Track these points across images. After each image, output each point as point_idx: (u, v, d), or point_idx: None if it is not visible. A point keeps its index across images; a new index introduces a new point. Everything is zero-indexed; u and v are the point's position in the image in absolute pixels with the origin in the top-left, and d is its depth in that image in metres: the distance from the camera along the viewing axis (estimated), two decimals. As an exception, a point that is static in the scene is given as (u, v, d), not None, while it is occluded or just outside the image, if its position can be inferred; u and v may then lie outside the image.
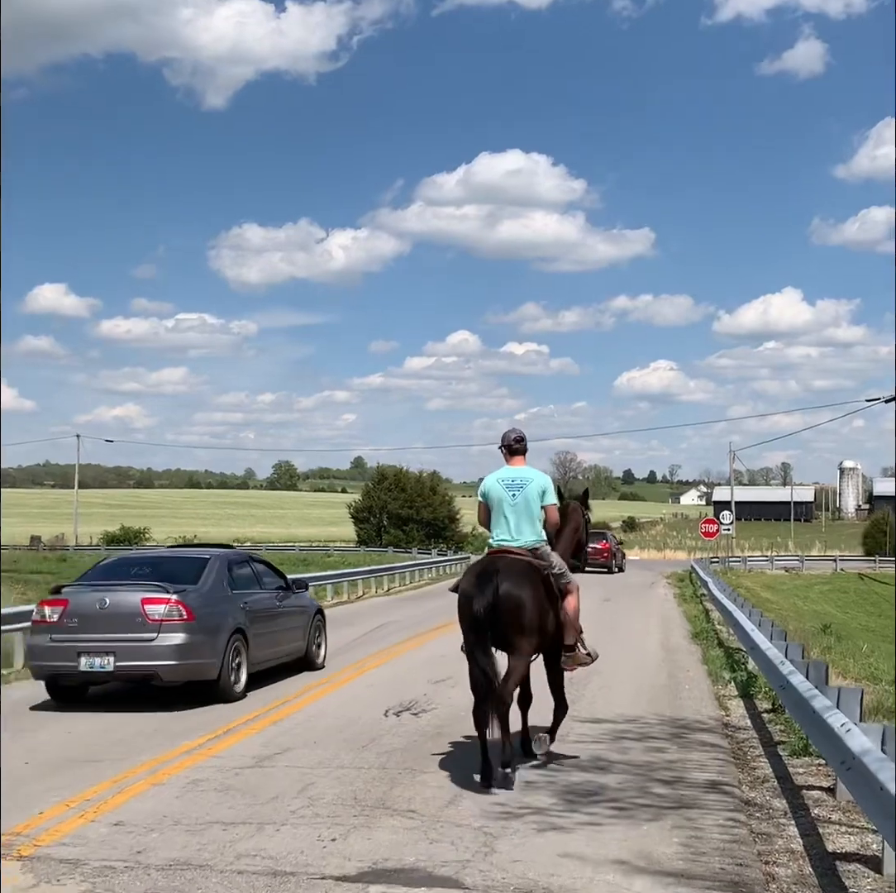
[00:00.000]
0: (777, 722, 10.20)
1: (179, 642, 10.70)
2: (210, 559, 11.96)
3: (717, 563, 48.48)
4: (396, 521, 68.88)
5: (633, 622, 20.50)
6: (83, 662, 10.65)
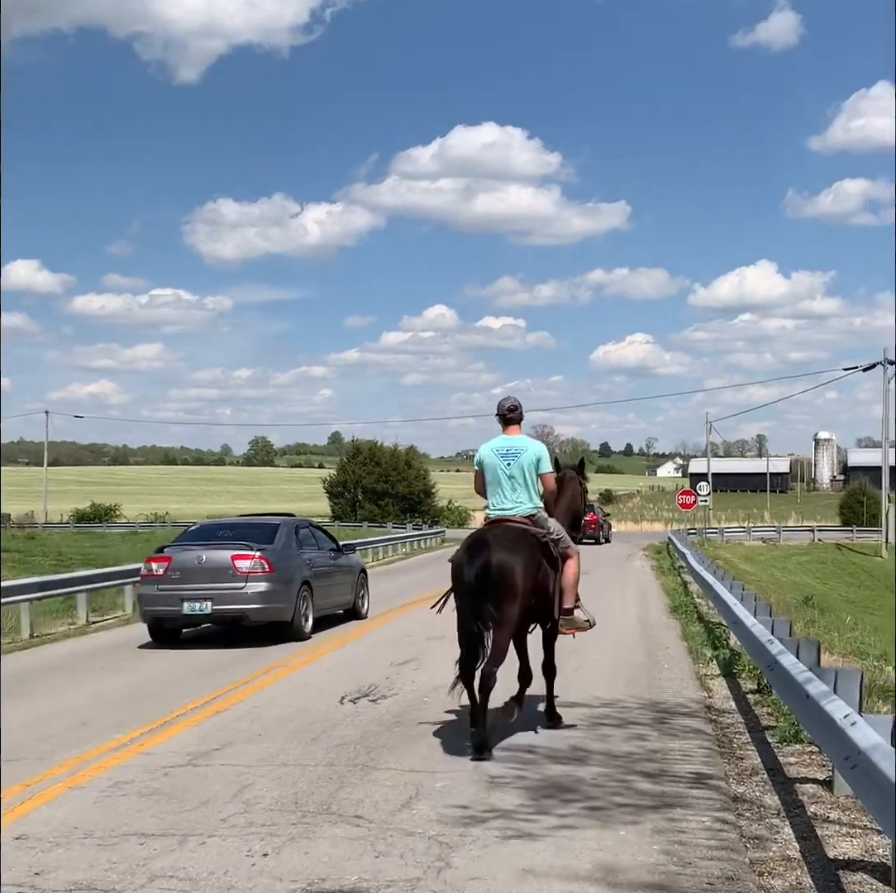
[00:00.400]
0: (763, 705, 9.47)
1: (263, 589, 13.25)
2: (280, 524, 14.68)
3: (694, 534, 47.98)
4: (371, 495, 68.06)
5: (611, 595, 19.74)
6: (186, 606, 13.19)
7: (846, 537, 53.97)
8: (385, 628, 14.73)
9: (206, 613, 13.29)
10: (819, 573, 41.04)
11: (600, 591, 20.20)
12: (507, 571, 7.46)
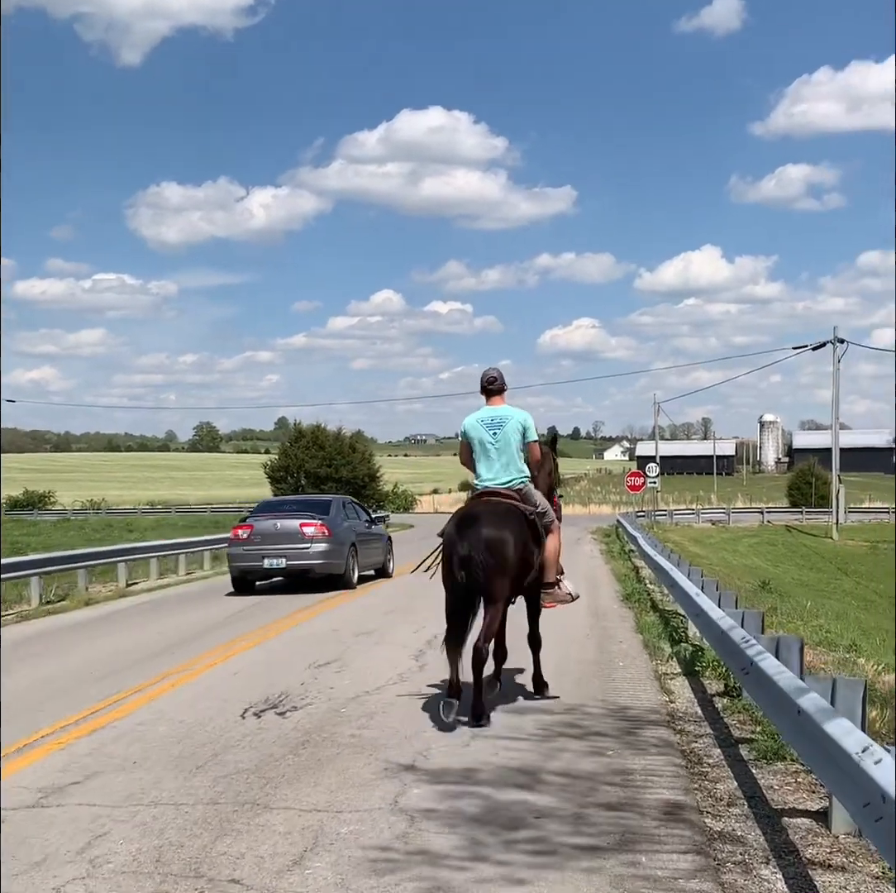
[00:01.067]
0: (734, 711, 8.22)
1: (323, 549, 17.33)
2: (332, 499, 19.52)
3: (643, 517, 47.07)
4: (314, 480, 66.24)
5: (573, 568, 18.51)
6: (266, 562, 17.25)
7: (795, 519, 53.40)
8: (311, 622, 13.32)
9: (282, 567, 17.40)
10: (770, 555, 40.21)
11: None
12: (498, 546, 7.48)
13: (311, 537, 17.38)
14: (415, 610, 14.33)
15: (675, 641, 11.74)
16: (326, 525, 17.56)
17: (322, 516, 17.90)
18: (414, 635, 11.90)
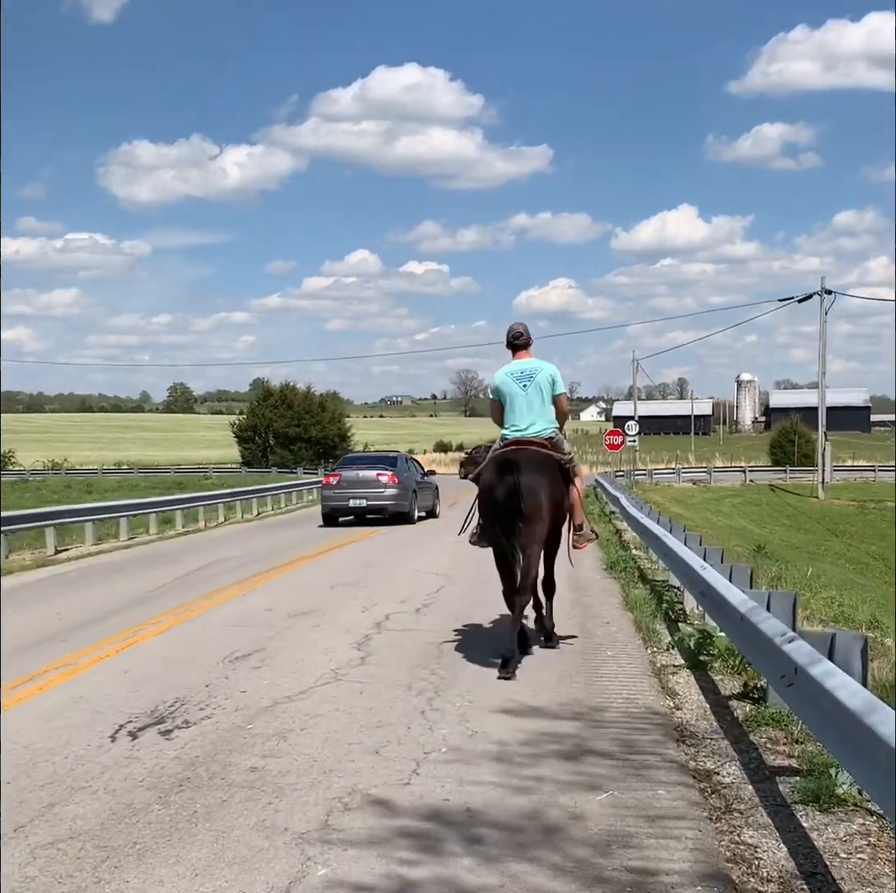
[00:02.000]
0: (759, 722, 6.31)
1: (394, 493, 22.34)
2: (398, 455, 24.68)
3: (622, 477, 45.31)
4: (283, 440, 64.36)
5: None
6: (351, 502, 22.30)
7: (779, 478, 51.75)
8: (242, 599, 11.33)
9: (363, 506, 22.32)
10: (755, 515, 38.54)
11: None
12: (536, 491, 7.66)
13: (385, 483, 22.35)
14: (368, 582, 12.42)
15: (671, 620, 9.87)
16: (396, 475, 22.59)
17: (392, 468, 22.86)
18: (361, 615, 9.98)
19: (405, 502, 22.52)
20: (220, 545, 18.41)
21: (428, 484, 24.75)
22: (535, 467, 7.73)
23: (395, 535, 20.07)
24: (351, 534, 20.06)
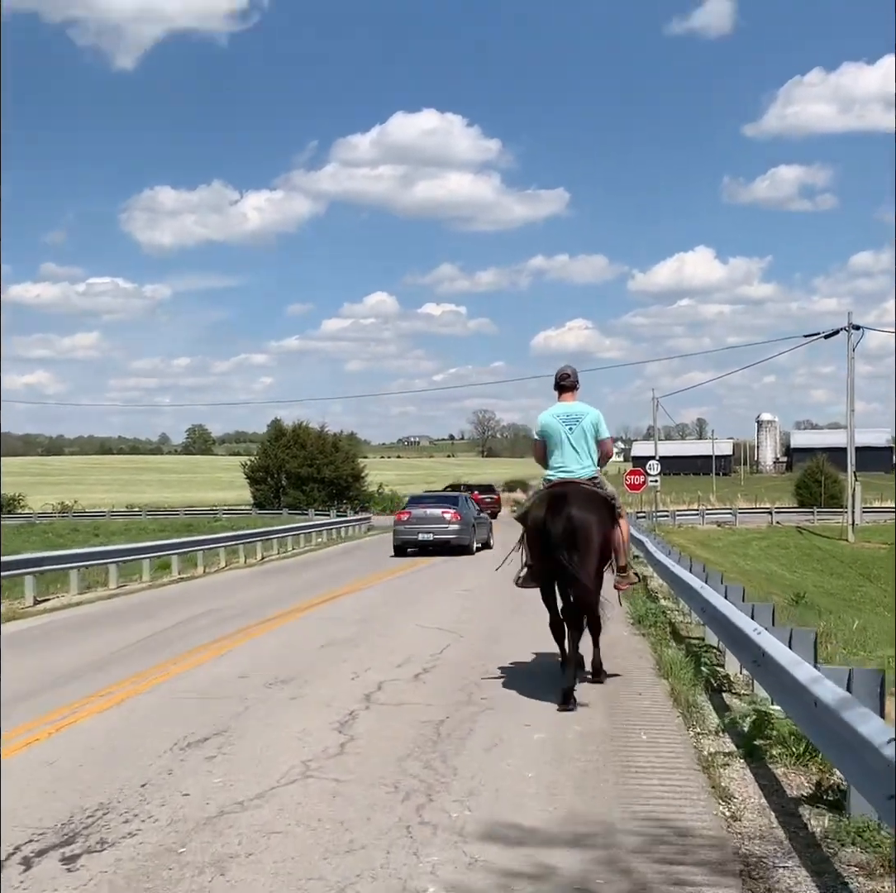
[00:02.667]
0: (843, 839, 4.85)
1: (456, 528, 25.53)
2: (459, 496, 28.04)
3: (643, 518, 43.69)
4: (296, 480, 63.00)
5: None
6: (420, 536, 25.56)
7: (806, 520, 49.94)
8: (216, 662, 9.86)
9: (430, 540, 25.27)
10: (784, 559, 36.87)
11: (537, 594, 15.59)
12: (587, 525, 7.79)
13: (449, 520, 25.49)
14: (364, 640, 10.99)
15: (713, 689, 8.41)
16: (458, 512, 25.77)
17: (454, 506, 26.15)
18: (350, 683, 8.54)
19: (466, 536, 25.73)
20: (213, 594, 17.01)
21: (483, 520, 28.52)
22: (585, 500, 7.91)
23: (400, 582, 18.65)
24: (354, 581, 18.63)
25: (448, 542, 25.21)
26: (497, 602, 14.80)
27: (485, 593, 16.32)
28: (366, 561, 25.04)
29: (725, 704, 7.95)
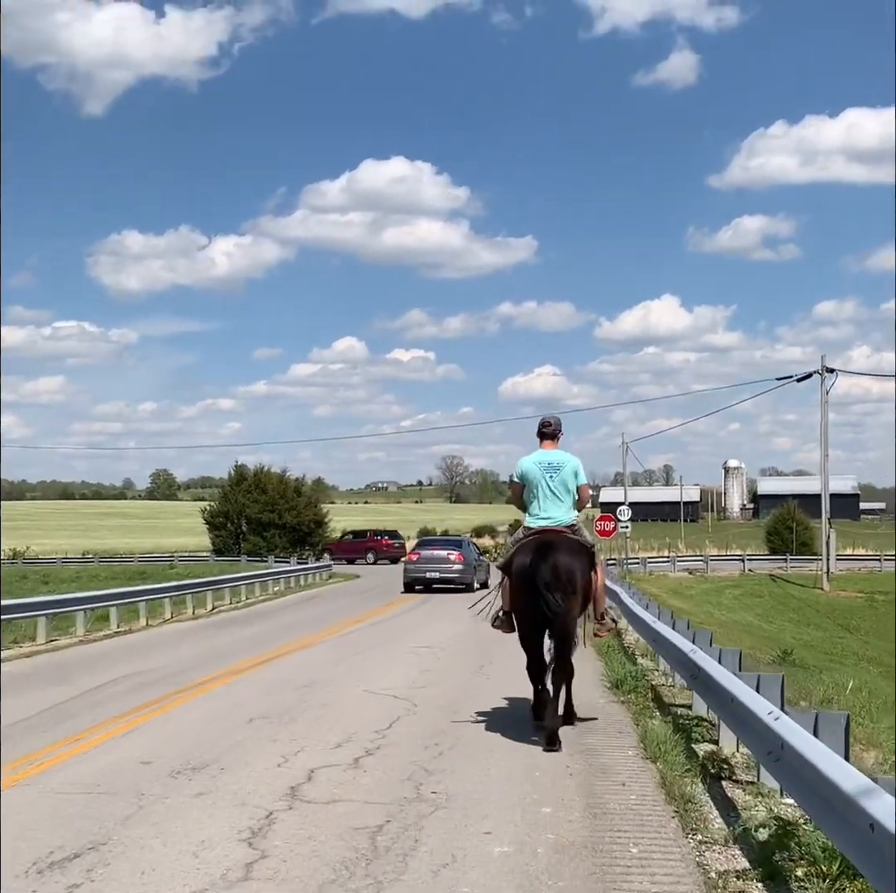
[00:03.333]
0: None
1: (460, 568, 29.33)
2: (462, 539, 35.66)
3: (613, 565, 42.37)
4: (256, 526, 61.18)
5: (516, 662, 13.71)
6: (427, 574, 29.26)
7: (778, 568, 48.72)
8: (119, 741, 8.26)
9: (437, 577, 29.03)
10: (759, 609, 35.60)
11: (497, 654, 14.11)
12: (573, 571, 8.01)
13: (453, 561, 29.12)
14: (301, 712, 9.51)
15: (712, 776, 7.02)
16: (462, 554, 29.48)
17: (458, 549, 30.15)
18: (275, 771, 7.07)
19: (468, 575, 28.99)
20: (146, 652, 15.44)
21: (481, 562, 31.74)
22: (569, 549, 8.09)
23: (358, 636, 17.16)
24: (305, 636, 17.11)
25: (452, 579, 28.99)
26: (459, 662, 13.40)
27: (447, 649, 14.89)
28: (322, 612, 23.54)
29: (727, 797, 6.56)
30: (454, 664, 13.17)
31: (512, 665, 12.81)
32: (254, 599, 30.04)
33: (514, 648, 13.51)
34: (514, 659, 13.46)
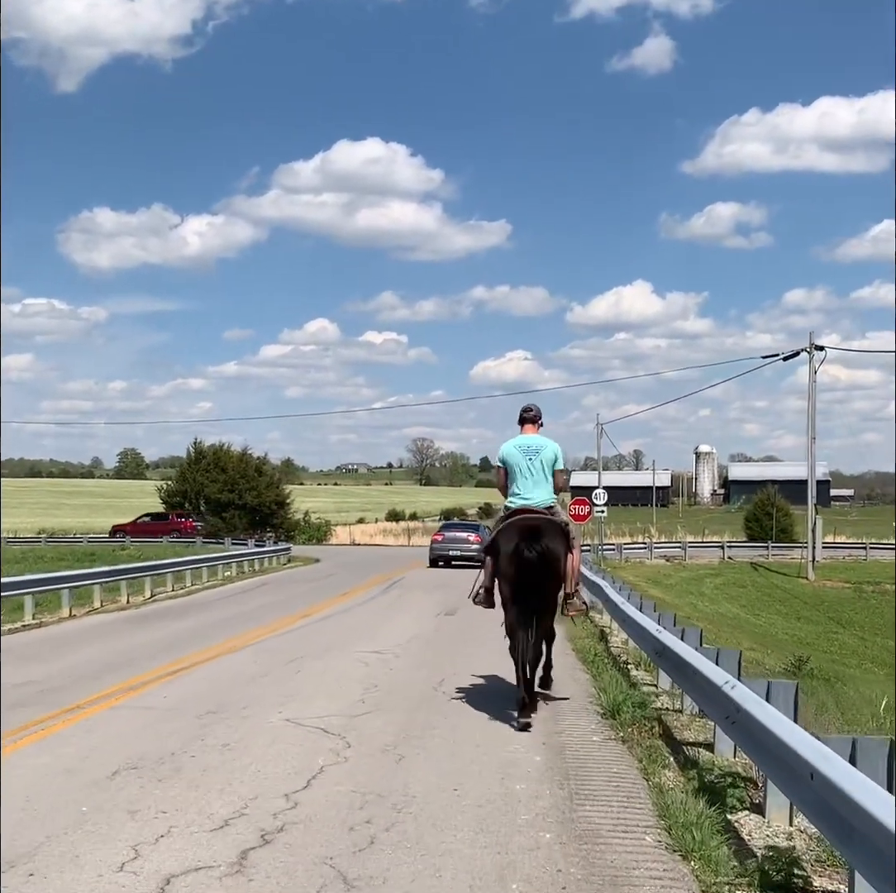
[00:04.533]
0: None
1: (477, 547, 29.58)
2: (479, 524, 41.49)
3: (587, 552, 40.11)
4: (215, 506, 58.53)
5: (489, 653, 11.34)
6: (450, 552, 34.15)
7: (759, 555, 46.62)
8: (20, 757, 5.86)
9: (458, 554, 33.26)
10: (744, 600, 33.43)
11: (471, 646, 11.65)
12: (557, 557, 8.35)
13: (472, 541, 32.64)
14: (191, 759, 7.02)
15: (778, 887, 4.65)
16: (479, 536, 31.95)
17: (476, 531, 34.30)
18: (113, 877, 4.61)
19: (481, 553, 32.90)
20: (40, 654, 12.90)
21: None
22: (553, 532, 8.39)
23: (299, 635, 14.69)
24: (233, 636, 14.61)
25: (471, 558, 31.02)
26: (416, 674, 10.97)
27: (402, 656, 12.46)
28: (269, 602, 21.04)
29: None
30: (409, 677, 10.74)
31: (482, 679, 10.41)
32: (200, 585, 27.49)
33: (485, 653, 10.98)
34: (486, 667, 11.10)
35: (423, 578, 28.57)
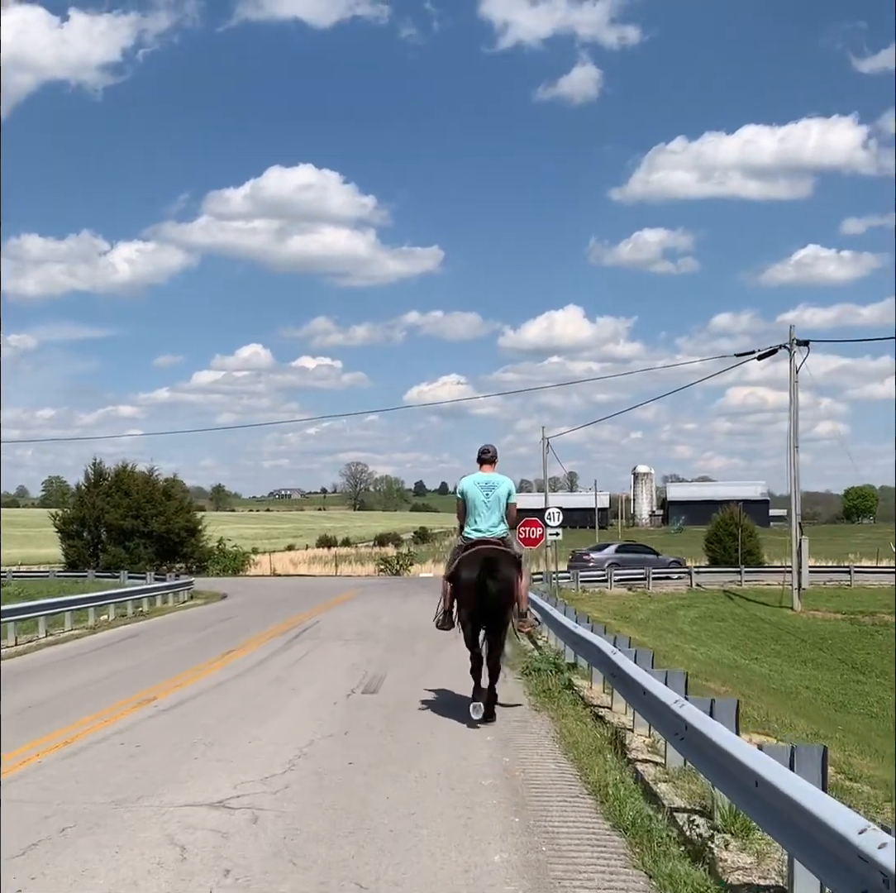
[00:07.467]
0: None
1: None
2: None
3: (539, 580, 34.58)
4: (118, 534, 51.96)
5: (447, 796, 5.68)
6: None
7: (729, 581, 41.46)
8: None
9: None
10: (730, 638, 28.11)
11: (404, 810, 5.92)
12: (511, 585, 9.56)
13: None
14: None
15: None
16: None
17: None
18: None
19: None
20: None
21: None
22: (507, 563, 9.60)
23: (108, 747, 8.90)
24: (65, 726, 8.76)
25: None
26: (314, 839, 5.29)
27: (267, 827, 6.77)
28: (100, 677, 14.40)
29: None
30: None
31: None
32: (57, 634, 21.40)
33: (440, 802, 4.98)
34: (442, 850, 5.51)
35: (342, 621, 22.76)
